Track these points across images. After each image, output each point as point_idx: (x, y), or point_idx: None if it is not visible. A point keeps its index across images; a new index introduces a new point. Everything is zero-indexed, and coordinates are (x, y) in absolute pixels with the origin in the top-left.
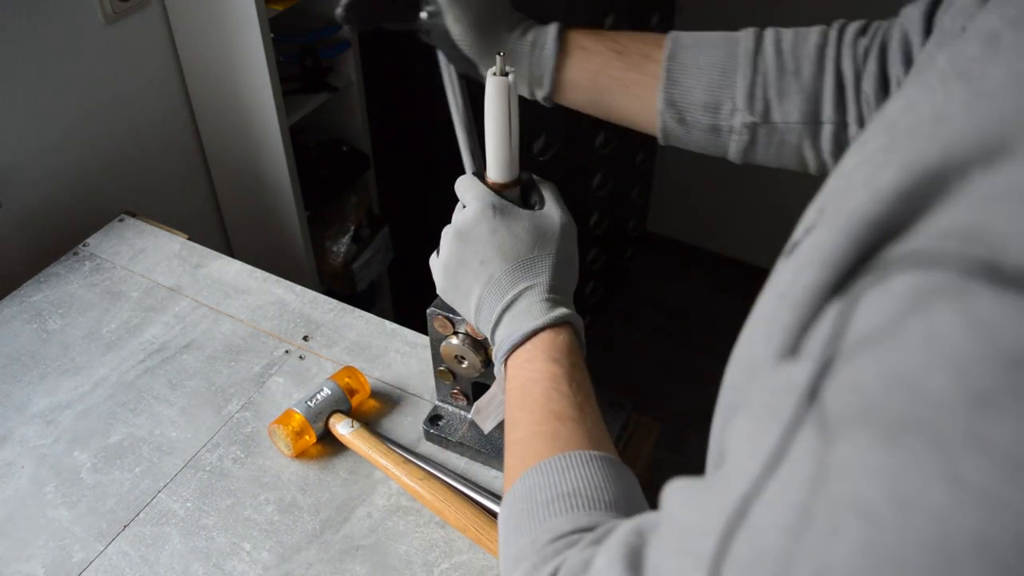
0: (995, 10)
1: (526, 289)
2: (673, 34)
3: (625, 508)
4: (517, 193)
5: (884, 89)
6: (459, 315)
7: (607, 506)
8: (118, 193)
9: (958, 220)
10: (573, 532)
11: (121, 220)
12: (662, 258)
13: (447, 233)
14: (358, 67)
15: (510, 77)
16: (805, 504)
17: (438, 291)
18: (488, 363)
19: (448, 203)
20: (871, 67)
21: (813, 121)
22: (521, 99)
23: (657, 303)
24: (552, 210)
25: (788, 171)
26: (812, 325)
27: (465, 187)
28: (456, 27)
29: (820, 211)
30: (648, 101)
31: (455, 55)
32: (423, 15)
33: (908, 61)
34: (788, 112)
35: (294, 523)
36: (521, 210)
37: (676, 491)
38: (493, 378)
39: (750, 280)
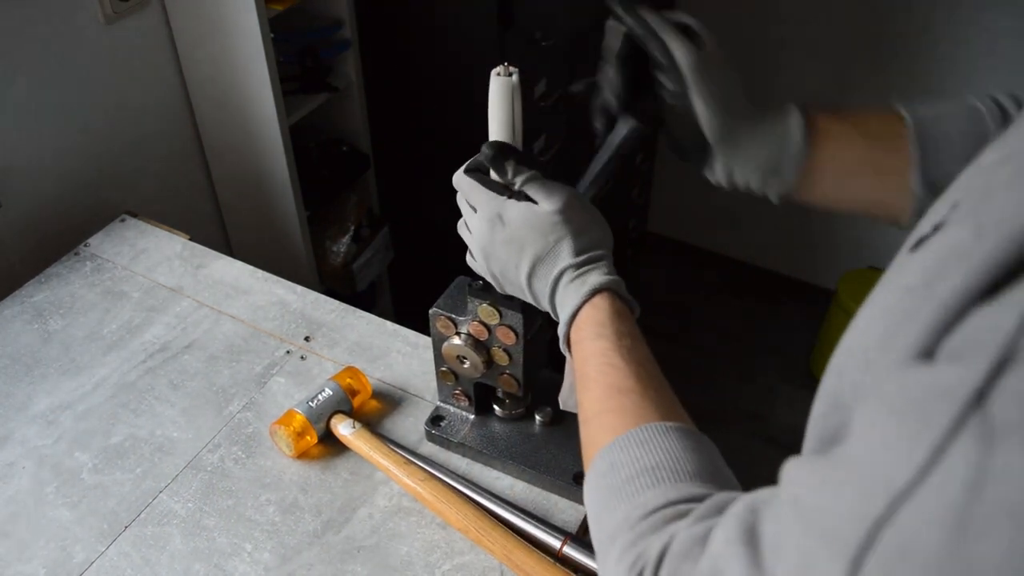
0: None
1: (557, 279)
2: (908, 106)
3: (709, 476)
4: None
5: None
6: (461, 316)
7: (691, 476)
8: (119, 193)
9: None
10: (665, 506)
11: (122, 220)
12: (662, 258)
13: (474, 249)
14: (358, 67)
15: (514, 78)
16: (961, 506)
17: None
18: (490, 364)
19: (448, 203)
20: None
21: None
22: (521, 100)
23: (657, 303)
24: (544, 203)
25: None
26: (955, 327)
27: (468, 187)
28: (706, 112)
29: (953, 206)
30: (896, 183)
31: (694, 143)
32: (664, 94)
33: None
34: None
35: (295, 524)
36: (520, 206)
37: (800, 471)
38: (495, 379)
39: (750, 280)
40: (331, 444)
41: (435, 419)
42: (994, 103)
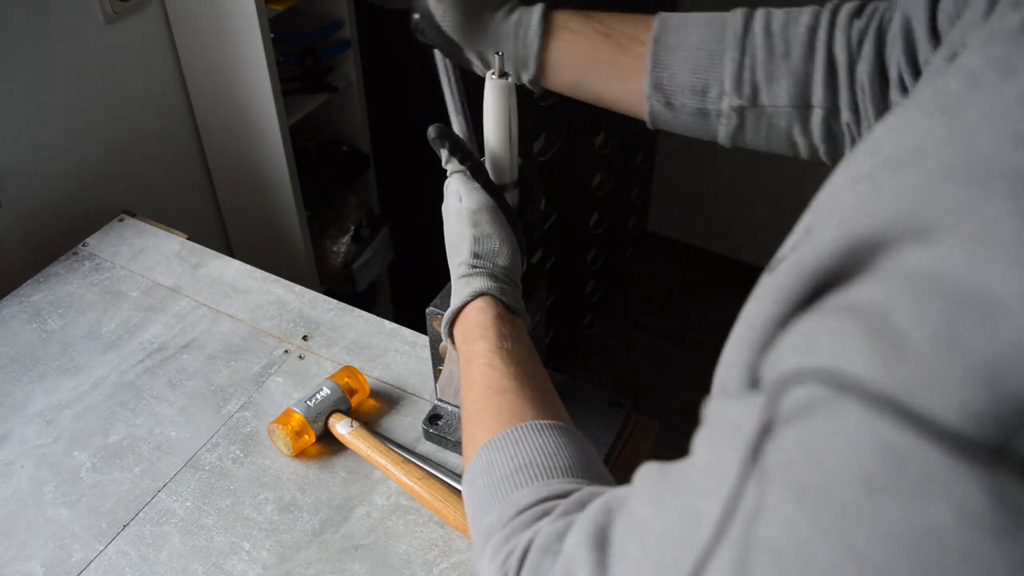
0: (984, 45)
1: (454, 268)
2: (660, 15)
3: (582, 472)
4: (516, 195)
5: (881, 75)
6: None
7: (564, 472)
8: (118, 193)
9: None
10: (537, 503)
11: (121, 220)
12: (662, 258)
13: None
14: (358, 67)
15: (509, 79)
16: (742, 543)
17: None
18: None
19: None
20: (867, 52)
21: (803, 105)
22: (521, 100)
23: (657, 303)
24: (462, 192)
25: (787, 171)
26: (767, 352)
27: (448, 183)
28: (439, 7)
29: (807, 230)
30: (635, 84)
31: (440, 39)
32: None
33: (910, 50)
34: (777, 96)
35: (293, 522)
36: (455, 203)
37: (645, 481)
38: None
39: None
40: (329, 443)
41: (433, 418)
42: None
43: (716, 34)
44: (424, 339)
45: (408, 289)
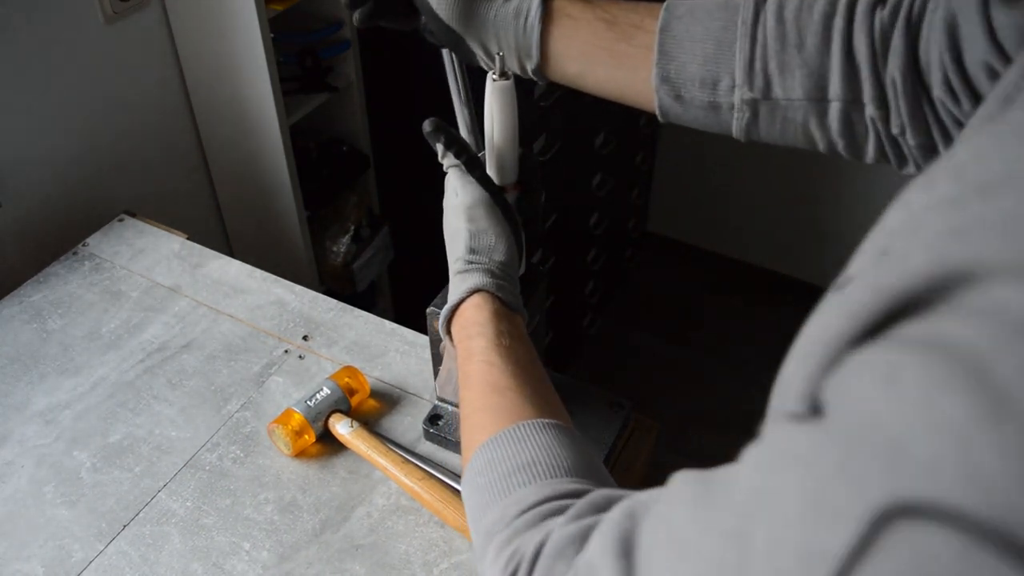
0: None
1: (451, 263)
2: (668, 2)
3: (584, 472)
4: (516, 195)
5: (915, 71)
6: None
7: (567, 472)
8: (118, 193)
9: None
10: (541, 502)
11: (121, 220)
12: (662, 258)
13: None
14: (358, 67)
15: (510, 80)
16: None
17: None
18: None
19: None
20: (896, 45)
21: (819, 99)
22: (521, 100)
23: (657, 303)
24: (458, 186)
25: (787, 171)
26: (832, 370)
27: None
28: None
29: (883, 252)
30: (642, 76)
31: (441, 30)
32: None
33: (954, 47)
34: (791, 88)
35: (294, 522)
36: (452, 198)
37: (683, 490)
38: None
39: (750, 280)
40: (329, 443)
41: (433, 418)
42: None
43: (725, 22)
44: (424, 339)
45: (408, 289)
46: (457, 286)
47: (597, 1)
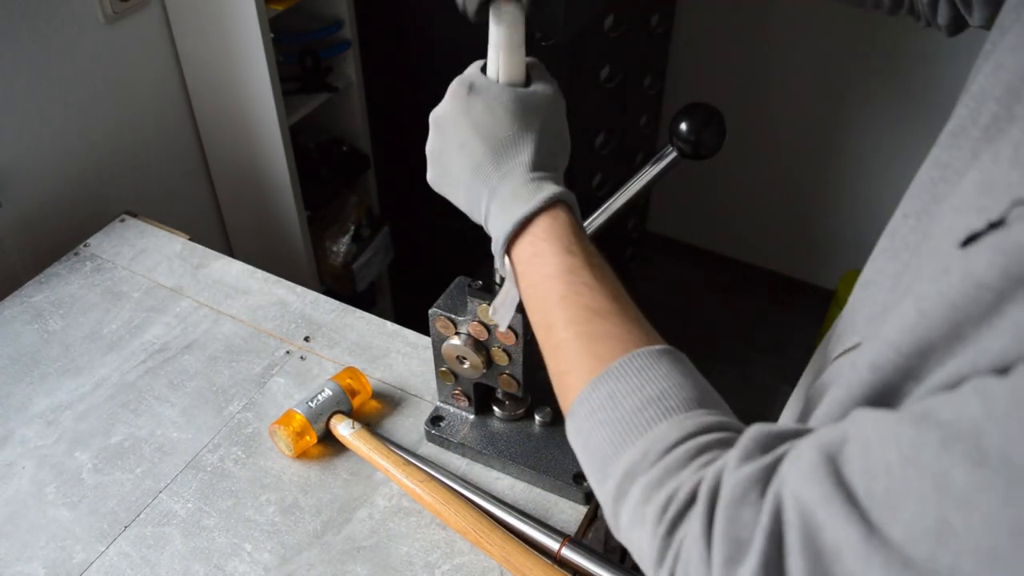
0: None
1: (509, 171)
2: None
3: (712, 403)
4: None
5: None
6: (461, 316)
7: (696, 403)
8: (119, 193)
9: None
10: (686, 439)
11: (122, 220)
12: (662, 258)
13: (430, 120)
14: (358, 67)
15: (524, 1)
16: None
17: (429, 182)
18: (489, 364)
19: (448, 203)
20: None
21: None
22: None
23: (657, 303)
24: (537, 84)
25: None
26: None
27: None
28: None
29: (1014, 203)
30: None
31: None
32: None
33: None
34: None
35: (295, 524)
36: (499, 85)
37: (886, 418)
38: (495, 379)
39: (750, 280)
40: (331, 444)
41: (435, 419)
42: None
43: None
44: (426, 340)
45: (408, 289)
46: (528, 195)
47: None
